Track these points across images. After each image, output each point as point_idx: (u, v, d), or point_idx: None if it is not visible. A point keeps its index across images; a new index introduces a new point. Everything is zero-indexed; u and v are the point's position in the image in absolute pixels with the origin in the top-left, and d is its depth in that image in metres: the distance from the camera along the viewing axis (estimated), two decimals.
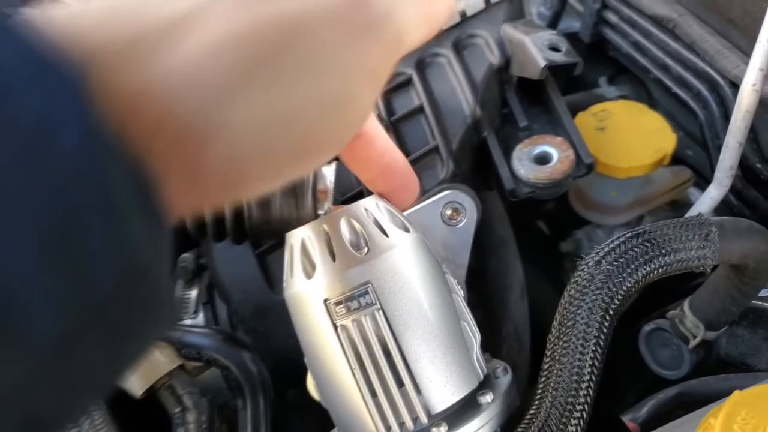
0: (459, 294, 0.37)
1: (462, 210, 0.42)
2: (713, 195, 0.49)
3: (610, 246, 0.36)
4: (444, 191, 0.42)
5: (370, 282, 0.32)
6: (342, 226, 0.33)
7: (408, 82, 0.50)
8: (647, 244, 0.36)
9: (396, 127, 0.48)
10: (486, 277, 0.53)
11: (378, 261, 0.32)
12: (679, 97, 0.60)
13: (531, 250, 0.60)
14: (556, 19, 0.73)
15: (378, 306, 0.32)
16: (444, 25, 0.52)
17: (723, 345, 0.47)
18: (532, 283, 0.56)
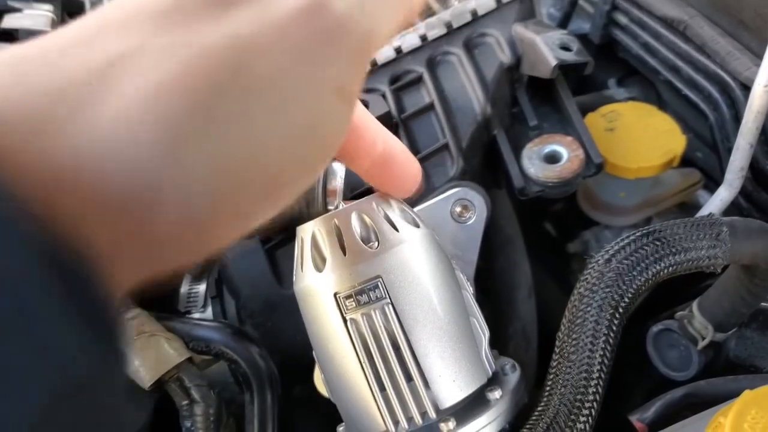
0: (468, 290, 0.37)
1: (471, 207, 0.42)
2: (723, 196, 0.49)
3: (620, 244, 0.36)
4: (454, 188, 0.43)
5: (380, 276, 0.32)
6: (353, 220, 0.34)
7: (419, 79, 0.50)
8: (658, 242, 0.36)
9: (406, 125, 0.48)
10: (493, 276, 0.53)
11: (388, 255, 0.33)
12: (690, 99, 0.60)
13: (538, 250, 0.60)
14: (566, 20, 0.73)
15: (388, 300, 0.32)
16: (455, 25, 0.52)
17: (732, 347, 0.46)
18: (538, 284, 0.56)
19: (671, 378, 0.48)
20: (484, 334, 0.36)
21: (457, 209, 0.42)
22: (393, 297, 0.32)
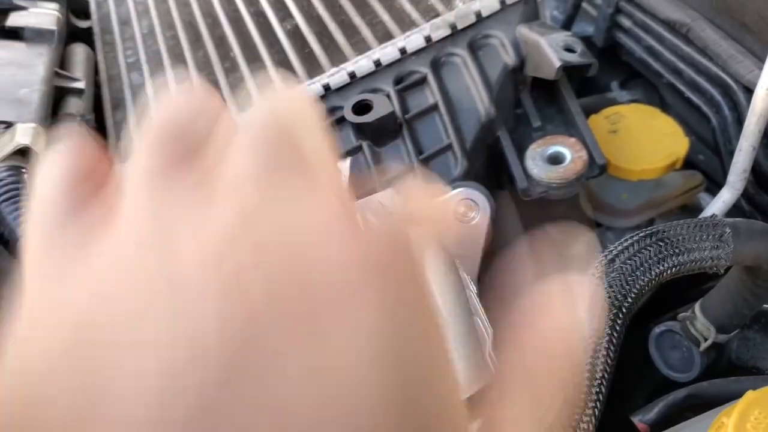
0: (472, 290, 0.37)
1: (475, 207, 0.43)
2: (725, 198, 0.49)
3: (623, 245, 0.36)
4: (458, 188, 0.43)
5: None
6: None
7: (423, 80, 0.51)
8: (661, 243, 0.36)
9: (410, 125, 0.49)
10: (495, 278, 0.53)
11: None
12: (692, 102, 0.60)
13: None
14: (569, 23, 0.74)
15: None
16: (459, 26, 0.52)
17: (734, 348, 0.46)
18: None
19: (673, 379, 0.48)
20: (488, 333, 0.36)
21: (461, 209, 0.42)
22: None
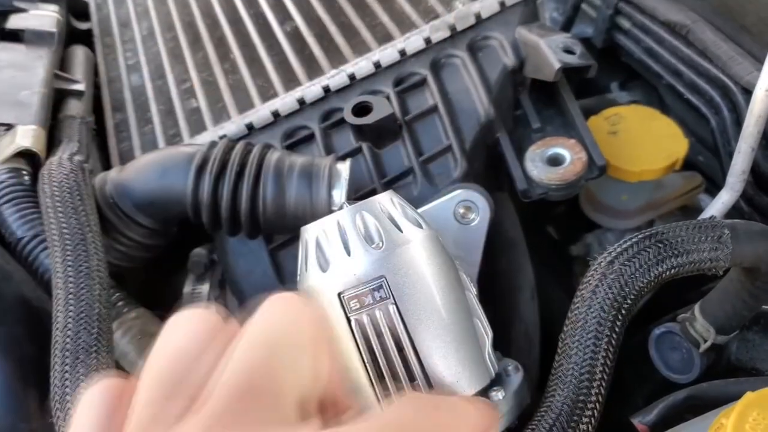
0: (472, 291, 0.37)
1: (475, 209, 0.43)
2: (725, 199, 0.49)
3: (623, 246, 0.36)
4: (457, 190, 0.43)
5: (384, 276, 0.32)
6: (357, 221, 0.34)
7: (423, 82, 0.51)
8: (660, 245, 0.36)
9: (410, 126, 0.49)
10: (496, 278, 0.53)
11: (393, 256, 0.33)
12: (691, 103, 0.60)
13: (540, 253, 0.60)
14: (568, 25, 0.74)
15: (392, 300, 0.32)
16: (459, 28, 0.52)
17: (733, 350, 0.46)
18: (540, 287, 0.56)
19: (673, 381, 0.48)
20: (487, 335, 0.36)
21: (461, 210, 0.43)
22: (397, 297, 0.33)
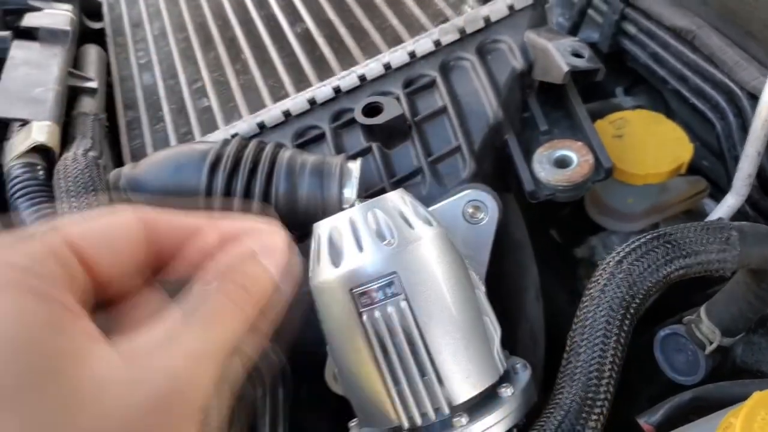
0: (481, 289, 0.38)
1: (483, 208, 0.43)
2: (730, 203, 0.50)
3: (631, 246, 0.37)
4: (466, 189, 0.43)
5: (396, 273, 0.33)
6: (369, 217, 0.34)
7: (432, 83, 0.51)
8: (668, 245, 0.37)
9: (419, 127, 0.49)
10: (501, 279, 0.53)
11: (404, 252, 0.33)
12: (697, 108, 0.61)
13: (544, 256, 0.60)
14: (575, 30, 0.74)
15: (403, 296, 0.33)
16: (468, 30, 0.53)
17: (739, 352, 0.47)
18: (544, 289, 0.56)
19: (678, 382, 0.48)
20: (496, 332, 0.37)
21: (470, 210, 0.43)
22: (408, 293, 0.33)
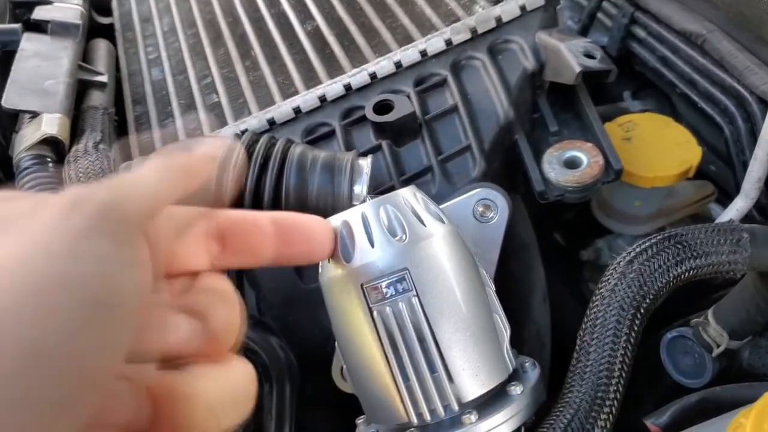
0: (491, 287, 0.38)
1: (494, 207, 0.43)
2: (739, 206, 0.50)
3: (642, 246, 0.37)
4: (477, 188, 0.43)
5: (407, 269, 0.33)
6: (381, 213, 0.34)
7: (443, 82, 0.51)
8: (679, 246, 0.37)
9: (430, 126, 0.49)
10: (509, 279, 0.53)
11: (416, 249, 0.33)
12: (705, 112, 0.61)
13: (550, 258, 0.60)
14: (584, 33, 0.74)
15: (414, 292, 0.33)
16: (480, 30, 0.53)
17: (746, 356, 0.47)
18: (550, 291, 0.56)
19: (684, 385, 0.48)
20: (506, 330, 0.37)
21: (480, 209, 0.43)
22: (419, 289, 0.33)
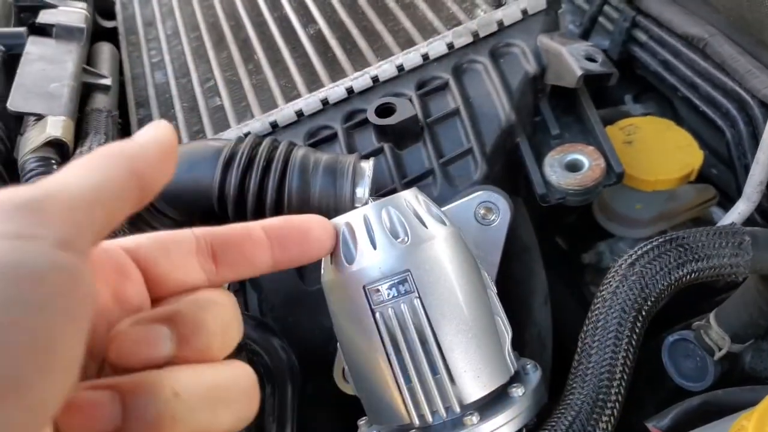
0: (493, 290, 0.38)
1: (495, 210, 0.43)
2: (741, 210, 0.50)
3: (644, 249, 0.37)
4: (478, 190, 0.43)
5: (409, 270, 0.33)
6: (383, 215, 0.34)
7: (445, 86, 0.51)
8: (681, 248, 0.37)
9: (431, 129, 0.49)
10: (510, 282, 0.53)
11: (418, 250, 0.33)
12: (707, 116, 0.61)
13: (551, 261, 0.60)
14: (585, 37, 0.75)
15: (416, 294, 0.33)
16: (481, 34, 0.53)
17: (748, 359, 0.47)
18: (551, 294, 0.56)
19: (686, 388, 0.48)
20: (507, 332, 0.37)
21: (481, 211, 0.43)
22: (421, 291, 0.33)
